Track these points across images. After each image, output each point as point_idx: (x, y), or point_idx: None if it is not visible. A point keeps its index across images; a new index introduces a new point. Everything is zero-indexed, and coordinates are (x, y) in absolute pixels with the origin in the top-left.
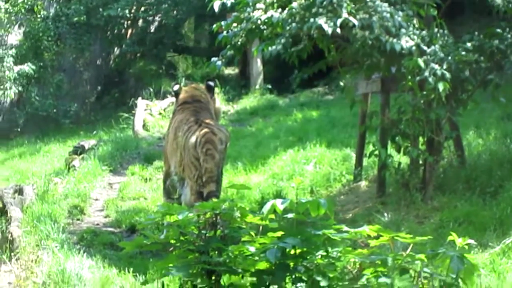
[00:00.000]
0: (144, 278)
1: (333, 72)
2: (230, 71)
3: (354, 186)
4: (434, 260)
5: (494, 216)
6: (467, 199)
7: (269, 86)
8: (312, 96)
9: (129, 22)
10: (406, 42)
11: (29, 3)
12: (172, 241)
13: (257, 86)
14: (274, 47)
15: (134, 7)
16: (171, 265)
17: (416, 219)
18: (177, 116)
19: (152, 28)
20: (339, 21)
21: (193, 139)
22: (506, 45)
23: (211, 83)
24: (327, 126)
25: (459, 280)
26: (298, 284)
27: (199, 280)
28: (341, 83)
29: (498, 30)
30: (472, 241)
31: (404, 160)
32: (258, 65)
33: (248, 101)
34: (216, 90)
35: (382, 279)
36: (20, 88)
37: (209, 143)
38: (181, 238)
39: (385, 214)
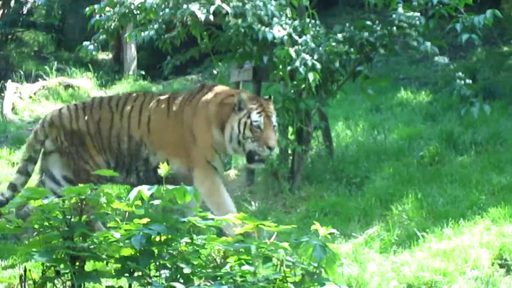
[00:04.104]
0: (6, 262)
1: (206, 60)
2: (104, 56)
3: (224, 175)
4: (297, 249)
5: (359, 206)
6: (333, 190)
7: (143, 72)
8: (185, 84)
9: (0, 2)
10: (278, 32)
11: None
12: (36, 226)
13: (131, 72)
14: (147, 32)
15: None
16: (34, 249)
17: (284, 208)
18: None
19: (25, 10)
20: (212, 8)
21: None
22: (376, 38)
23: None
24: None
25: (321, 269)
26: (162, 271)
27: (62, 266)
28: (214, 71)
29: (368, 22)
30: (335, 231)
31: None
32: (132, 50)
33: (122, 87)
34: (90, 74)
35: (245, 267)
36: None
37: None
38: (45, 223)
39: (253, 203)
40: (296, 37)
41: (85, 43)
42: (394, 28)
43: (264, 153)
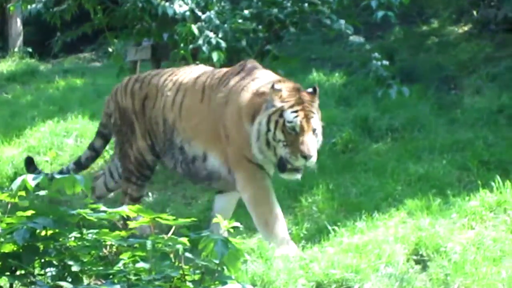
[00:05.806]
0: None
1: (101, 37)
2: None
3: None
4: (197, 244)
5: None
6: None
7: (30, 49)
8: (77, 62)
9: None
10: (180, 7)
11: None
12: None
13: (16, 49)
14: (34, 5)
15: None
16: None
17: (183, 199)
18: None
19: None
20: None
21: None
22: (286, 15)
23: None
24: (92, 96)
25: (223, 266)
26: (48, 269)
27: None
28: (110, 49)
29: None
30: (238, 224)
31: None
32: (17, 25)
33: (5, 65)
34: None
35: (140, 264)
36: None
37: None
38: None
39: (150, 194)
40: (199, 13)
41: None
42: (306, 4)
43: (298, 163)
